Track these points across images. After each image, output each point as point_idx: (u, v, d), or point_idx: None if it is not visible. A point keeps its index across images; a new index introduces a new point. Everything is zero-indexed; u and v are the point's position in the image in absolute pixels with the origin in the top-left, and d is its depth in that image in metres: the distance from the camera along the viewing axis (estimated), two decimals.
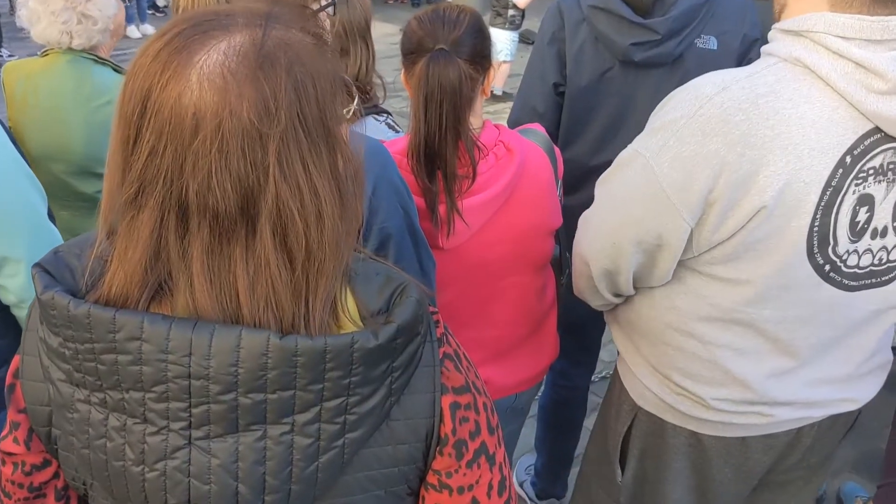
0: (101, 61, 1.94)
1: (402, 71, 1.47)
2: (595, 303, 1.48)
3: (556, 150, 1.67)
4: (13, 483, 0.83)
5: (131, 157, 0.66)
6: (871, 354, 1.39)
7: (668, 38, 1.80)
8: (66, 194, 1.93)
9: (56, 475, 0.83)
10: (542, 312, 1.66)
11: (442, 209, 1.41)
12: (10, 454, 0.82)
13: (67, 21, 1.84)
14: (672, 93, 1.23)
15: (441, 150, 1.38)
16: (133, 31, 8.43)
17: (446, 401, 0.77)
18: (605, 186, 1.32)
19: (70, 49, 1.89)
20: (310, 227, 0.67)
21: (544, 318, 1.68)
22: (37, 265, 0.74)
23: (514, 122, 1.98)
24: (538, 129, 1.68)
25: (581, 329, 2.10)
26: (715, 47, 1.84)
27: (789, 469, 1.52)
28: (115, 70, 1.97)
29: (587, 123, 1.93)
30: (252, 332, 0.67)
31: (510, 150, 1.48)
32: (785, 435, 1.42)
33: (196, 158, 0.64)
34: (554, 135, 1.98)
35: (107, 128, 2.01)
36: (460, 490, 0.79)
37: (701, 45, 1.84)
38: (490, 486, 0.81)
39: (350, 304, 0.74)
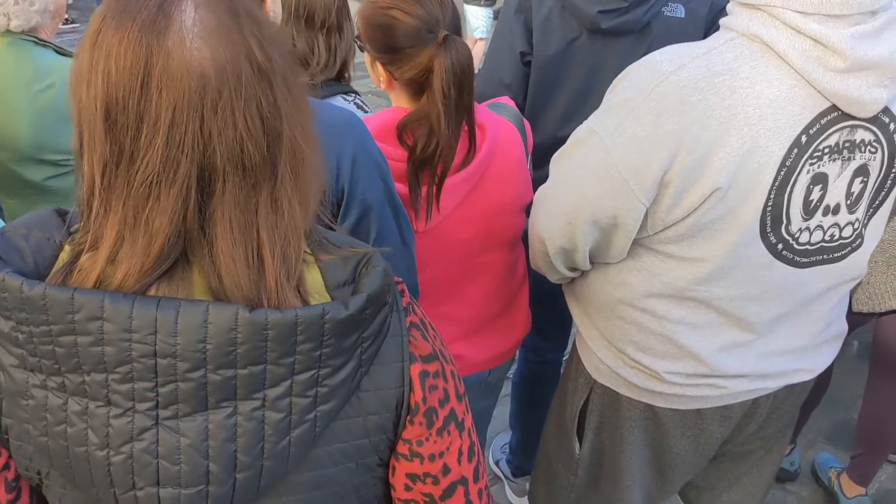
0: (41, 43, 1.87)
1: (378, 64, 1.38)
2: (552, 278, 1.46)
3: (526, 124, 1.64)
4: None
5: (135, 142, 0.64)
6: (825, 325, 1.39)
7: (636, 6, 1.77)
8: (13, 183, 1.87)
9: (6, 466, 0.79)
10: (514, 288, 1.65)
11: (423, 193, 1.38)
12: None
13: (4, 3, 1.76)
14: (629, 67, 1.20)
15: (450, 141, 1.33)
16: None
17: (415, 369, 0.77)
18: (561, 164, 1.29)
19: (9, 31, 1.81)
20: (308, 158, 0.70)
21: (516, 294, 1.67)
22: None
23: (479, 95, 1.94)
24: (507, 102, 1.64)
25: (553, 303, 2.08)
26: (682, 15, 1.82)
27: (747, 440, 1.52)
28: (57, 52, 1.90)
29: (555, 94, 1.89)
30: (220, 306, 0.65)
31: (482, 129, 1.45)
32: (740, 406, 1.41)
33: (224, 119, 0.64)
34: (521, 106, 1.94)
35: (51, 112, 1.93)
36: (431, 458, 0.79)
37: (668, 13, 1.81)
38: (461, 452, 0.81)
39: (315, 275, 0.73)
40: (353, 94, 1.67)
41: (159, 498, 0.70)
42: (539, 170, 1.85)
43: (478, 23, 5.62)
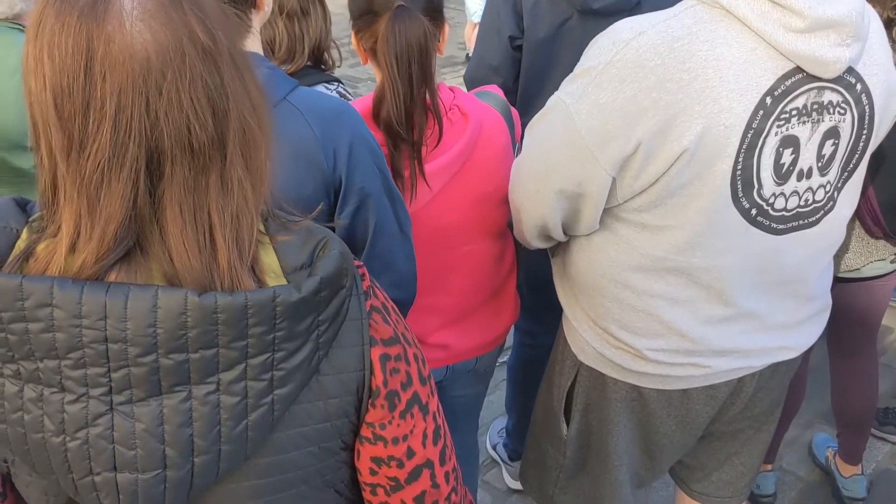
0: (24, 30, 1.85)
1: (353, 36, 1.42)
2: (532, 246, 1.48)
3: (514, 113, 1.63)
4: None
5: (84, 129, 0.64)
6: (808, 299, 1.39)
7: None
8: (3, 171, 1.86)
9: None
10: (500, 279, 1.64)
11: (405, 174, 1.38)
12: None
13: None
14: (595, 37, 1.21)
15: (410, 112, 1.34)
16: None
17: (376, 353, 0.76)
18: (531, 133, 1.31)
19: None
20: (258, 138, 0.69)
21: (503, 284, 1.66)
22: None
23: (470, 79, 1.93)
24: (495, 91, 1.63)
25: (546, 288, 2.07)
26: None
27: (734, 419, 1.53)
28: None
29: (547, 77, 1.87)
30: (169, 291, 0.65)
31: (465, 115, 1.45)
32: (725, 385, 1.42)
33: (169, 101, 0.64)
34: (513, 90, 1.93)
35: None
36: (395, 441, 0.80)
37: None
38: (425, 436, 0.81)
39: (271, 259, 0.73)
40: (336, 83, 1.65)
41: (117, 483, 0.70)
42: None
43: (475, 7, 5.58)
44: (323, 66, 1.58)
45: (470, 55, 6.63)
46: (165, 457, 0.69)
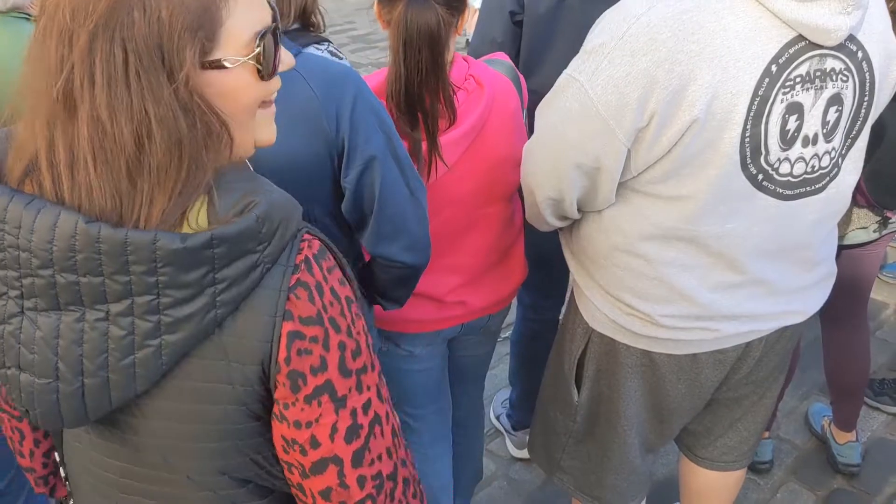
0: (30, 18, 1.89)
1: (377, 6, 1.45)
2: (543, 228, 1.50)
3: (521, 77, 1.67)
4: None
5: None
6: (814, 266, 1.42)
7: None
8: None
9: None
10: (511, 239, 1.70)
11: (423, 150, 1.42)
12: None
13: None
14: (603, 14, 1.24)
15: (421, 94, 1.38)
16: None
17: (286, 327, 0.74)
18: (544, 114, 1.33)
19: None
20: (108, 124, 0.69)
21: (513, 244, 1.73)
22: None
23: (473, 53, 1.96)
24: (503, 58, 1.67)
25: (549, 262, 2.12)
26: None
27: (738, 384, 1.57)
28: None
29: (546, 52, 1.91)
30: (68, 213, 0.70)
31: (480, 85, 1.49)
32: (733, 350, 1.46)
33: (60, 27, 0.70)
34: (515, 64, 1.96)
35: None
36: (297, 424, 0.77)
37: None
38: (334, 429, 0.77)
39: (202, 213, 0.73)
40: (326, 43, 1.68)
41: (20, 381, 0.75)
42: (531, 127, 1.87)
43: None
44: (311, 29, 1.61)
45: (470, 41, 6.61)
46: (58, 369, 0.73)
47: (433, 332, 1.67)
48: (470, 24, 2.23)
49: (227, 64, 0.73)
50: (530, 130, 1.67)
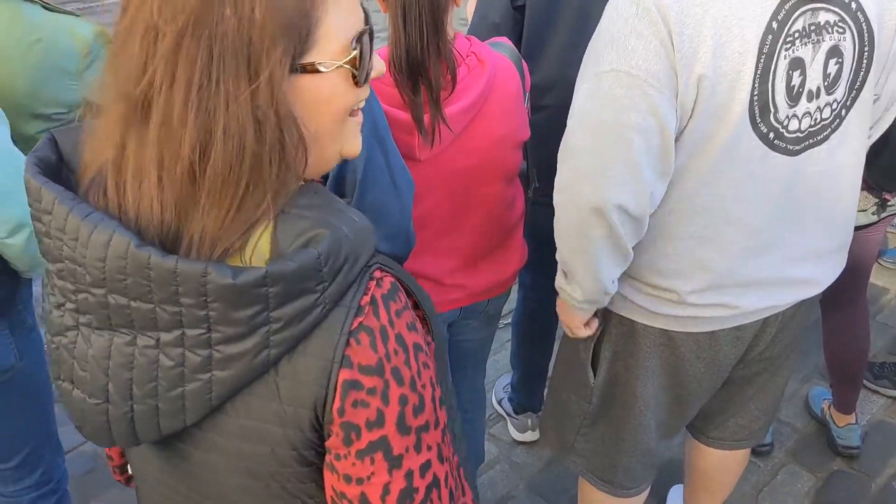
0: (29, 0, 1.88)
1: None
2: (604, 275, 1.35)
3: (524, 63, 1.67)
4: None
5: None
6: (831, 228, 1.43)
7: None
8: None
9: None
10: (511, 223, 1.70)
11: (426, 119, 1.42)
12: None
13: None
14: (604, 13, 1.24)
15: (423, 60, 1.38)
16: None
17: (343, 375, 0.68)
18: (585, 122, 1.25)
19: None
20: (198, 135, 0.65)
21: (513, 229, 1.72)
22: (50, 131, 0.77)
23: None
24: (505, 41, 1.67)
25: (550, 242, 2.13)
26: None
27: (753, 361, 1.58)
28: (44, 7, 1.91)
29: (549, 36, 1.91)
30: (122, 232, 0.65)
31: (482, 61, 1.50)
32: (751, 326, 1.47)
33: (133, 24, 0.66)
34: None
35: (43, 66, 1.95)
36: (347, 479, 0.72)
37: None
38: (386, 490, 0.71)
39: (263, 240, 0.68)
40: None
41: (72, 396, 0.73)
42: (536, 112, 1.88)
43: None
44: None
45: (469, 23, 6.59)
46: (108, 391, 0.70)
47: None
48: (469, 6, 2.22)
49: (322, 68, 0.68)
50: (531, 118, 1.68)
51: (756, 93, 1.21)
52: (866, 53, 1.30)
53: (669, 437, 1.68)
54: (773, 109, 1.24)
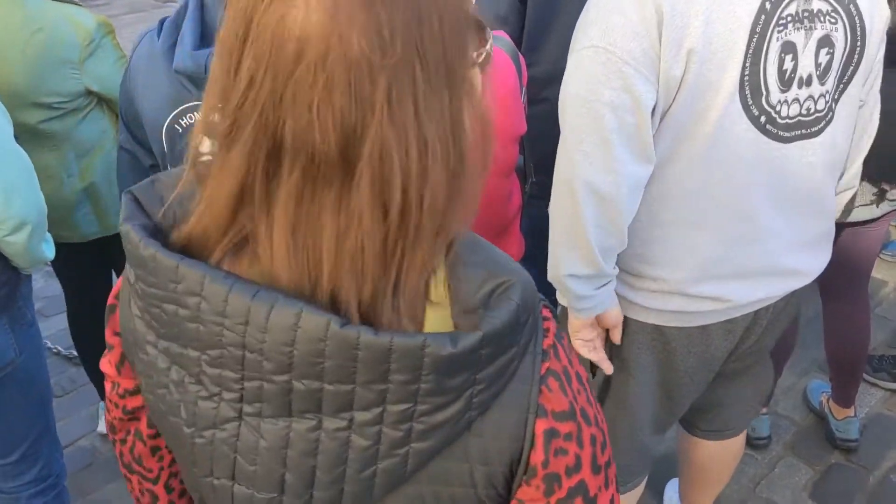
0: None
1: None
2: (567, 263, 1.35)
3: (521, 57, 1.66)
4: (111, 401, 0.81)
5: (231, 88, 0.58)
6: (819, 217, 1.43)
7: None
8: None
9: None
10: (508, 218, 1.69)
11: None
12: (106, 374, 0.80)
13: None
14: None
15: None
16: None
17: (541, 425, 0.65)
18: (568, 97, 1.27)
19: None
20: (410, 182, 0.57)
21: (510, 223, 1.71)
22: (128, 191, 0.68)
23: None
24: (502, 35, 1.66)
25: (548, 236, 2.13)
26: None
27: (745, 354, 1.58)
28: None
29: (552, 28, 1.90)
30: (313, 311, 0.58)
31: None
32: (743, 319, 1.47)
33: (297, 89, 0.55)
34: (518, 41, 1.95)
35: (43, 56, 1.96)
36: None
37: None
38: None
39: (438, 290, 0.64)
40: None
41: (233, 493, 0.66)
42: (535, 105, 1.86)
43: None
44: None
45: None
46: (284, 481, 0.64)
47: None
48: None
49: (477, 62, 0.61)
50: (533, 120, 1.66)
51: (747, 72, 1.21)
52: (858, 48, 1.30)
53: (661, 432, 1.69)
54: (764, 92, 1.23)
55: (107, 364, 0.79)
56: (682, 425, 1.85)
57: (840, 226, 2.03)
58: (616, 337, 1.47)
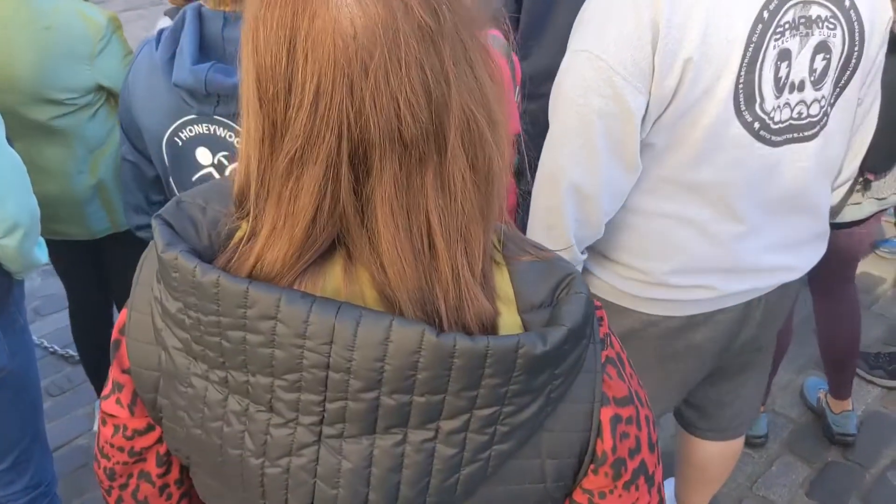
0: None
1: None
2: (554, 241, 1.38)
3: (514, 56, 1.65)
4: (112, 446, 0.76)
5: (285, 115, 0.57)
6: (811, 218, 1.44)
7: None
8: (18, 125, 1.88)
9: (160, 440, 0.76)
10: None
11: None
12: (111, 416, 0.75)
13: None
14: None
15: None
16: None
17: (606, 413, 0.66)
18: (559, 95, 1.29)
19: None
20: (486, 134, 0.60)
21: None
22: (158, 216, 0.65)
23: None
24: (496, 34, 1.65)
25: None
26: None
27: (743, 350, 1.58)
28: None
29: (547, 24, 1.90)
30: (405, 323, 0.57)
31: None
32: (732, 310, 1.47)
33: (376, 85, 0.55)
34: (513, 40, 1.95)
35: (52, 52, 1.95)
36: None
37: None
38: None
39: (506, 284, 0.64)
40: None
41: None
42: (534, 100, 1.86)
43: None
44: None
45: None
46: (367, 501, 0.63)
47: None
48: None
49: None
50: (529, 117, 1.66)
51: (742, 81, 1.21)
52: (856, 52, 1.30)
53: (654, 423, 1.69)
54: (759, 99, 1.24)
55: (113, 405, 0.75)
56: (682, 424, 1.84)
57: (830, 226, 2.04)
58: None
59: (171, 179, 1.39)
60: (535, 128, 1.72)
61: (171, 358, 0.66)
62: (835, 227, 2.05)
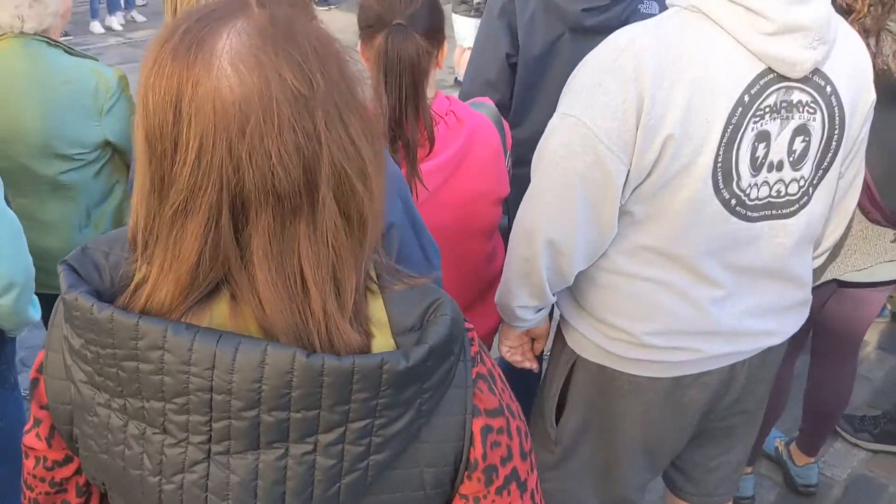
0: (53, 44, 1.93)
1: (360, 44, 1.51)
2: (520, 298, 1.46)
3: (505, 123, 1.71)
4: (35, 477, 0.82)
5: (171, 170, 0.64)
6: (791, 288, 1.47)
7: (616, 3, 1.88)
8: (26, 179, 1.91)
9: (78, 471, 0.82)
10: (491, 277, 1.72)
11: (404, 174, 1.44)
12: (32, 448, 0.82)
13: (19, 5, 1.83)
14: (587, 56, 1.31)
15: (401, 120, 1.42)
16: (96, 27, 8.26)
17: (478, 424, 0.73)
18: (543, 156, 1.34)
19: (22, 33, 1.87)
20: (357, 186, 0.67)
21: (493, 282, 1.73)
22: (64, 262, 0.72)
23: (465, 95, 2.00)
24: (487, 102, 1.72)
25: None
26: (657, 12, 1.89)
27: (728, 413, 1.58)
28: (66, 52, 1.95)
29: (540, 91, 1.95)
30: (278, 347, 0.64)
31: (460, 120, 1.54)
32: (718, 372, 1.49)
33: (252, 145, 0.62)
34: (508, 105, 2.00)
35: (66, 106, 1.99)
36: None
37: (644, 10, 1.92)
38: None
39: (380, 312, 0.71)
40: None
41: None
42: (521, 167, 1.90)
43: (465, 32, 5.68)
44: None
45: (458, 79, 6.70)
46: None
47: None
48: (460, 63, 2.28)
49: None
50: (519, 181, 1.70)
51: (720, 160, 1.26)
52: (836, 136, 1.35)
53: (642, 487, 1.68)
54: (735, 177, 1.28)
55: (34, 439, 0.81)
56: (669, 487, 1.84)
57: (858, 286, 2.01)
58: (539, 347, 1.65)
59: None
60: (523, 192, 1.77)
61: (79, 391, 0.72)
62: (867, 286, 2.03)
